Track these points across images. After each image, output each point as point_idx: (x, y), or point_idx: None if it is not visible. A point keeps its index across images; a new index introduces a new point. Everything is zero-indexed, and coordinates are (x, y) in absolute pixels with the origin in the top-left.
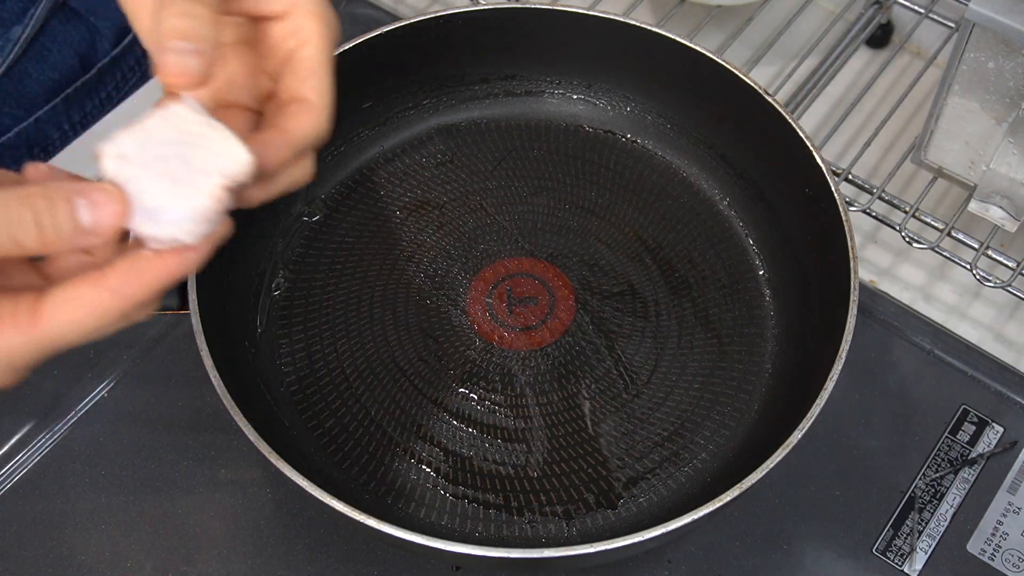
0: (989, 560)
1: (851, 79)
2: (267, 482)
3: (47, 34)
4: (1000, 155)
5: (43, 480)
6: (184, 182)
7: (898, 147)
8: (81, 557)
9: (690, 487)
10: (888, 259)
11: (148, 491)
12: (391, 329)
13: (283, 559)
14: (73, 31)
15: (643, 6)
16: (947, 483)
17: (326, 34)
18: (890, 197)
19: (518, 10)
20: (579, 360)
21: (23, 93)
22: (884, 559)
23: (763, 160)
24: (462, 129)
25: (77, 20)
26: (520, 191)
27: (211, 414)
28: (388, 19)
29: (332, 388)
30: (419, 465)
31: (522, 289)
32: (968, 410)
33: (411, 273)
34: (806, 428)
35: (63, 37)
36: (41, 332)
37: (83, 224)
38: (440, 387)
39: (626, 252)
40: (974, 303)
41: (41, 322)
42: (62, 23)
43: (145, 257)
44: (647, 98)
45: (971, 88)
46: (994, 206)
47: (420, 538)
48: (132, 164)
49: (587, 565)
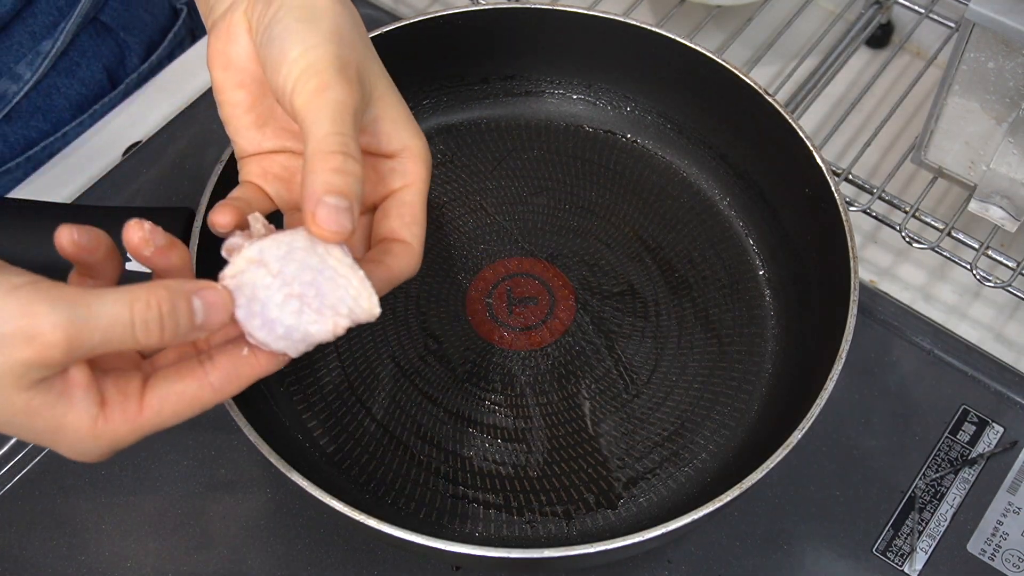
0: (989, 560)
1: (851, 79)
2: (267, 482)
3: (76, 48)
4: (1000, 155)
5: (43, 480)
6: (313, 310)
7: (898, 147)
8: (81, 557)
9: (690, 487)
10: (888, 259)
11: (148, 491)
12: (391, 329)
13: (283, 559)
14: (103, 45)
15: (643, 6)
16: (947, 483)
17: (427, 179)
18: (890, 197)
19: (518, 10)
20: (579, 360)
21: (51, 107)
22: (884, 559)
23: (763, 160)
24: (462, 129)
25: (107, 34)
26: (520, 191)
27: (211, 414)
28: (388, 19)
29: (332, 388)
30: (419, 465)
31: (522, 289)
32: (968, 410)
33: None
34: (806, 428)
35: (92, 52)
36: (145, 421)
37: (197, 323)
38: (440, 387)
39: (626, 252)
40: (974, 303)
41: (147, 412)
42: (92, 37)
43: (244, 358)
44: (647, 98)
45: (971, 88)
46: (994, 206)
47: (420, 538)
48: (267, 272)
49: (587, 565)
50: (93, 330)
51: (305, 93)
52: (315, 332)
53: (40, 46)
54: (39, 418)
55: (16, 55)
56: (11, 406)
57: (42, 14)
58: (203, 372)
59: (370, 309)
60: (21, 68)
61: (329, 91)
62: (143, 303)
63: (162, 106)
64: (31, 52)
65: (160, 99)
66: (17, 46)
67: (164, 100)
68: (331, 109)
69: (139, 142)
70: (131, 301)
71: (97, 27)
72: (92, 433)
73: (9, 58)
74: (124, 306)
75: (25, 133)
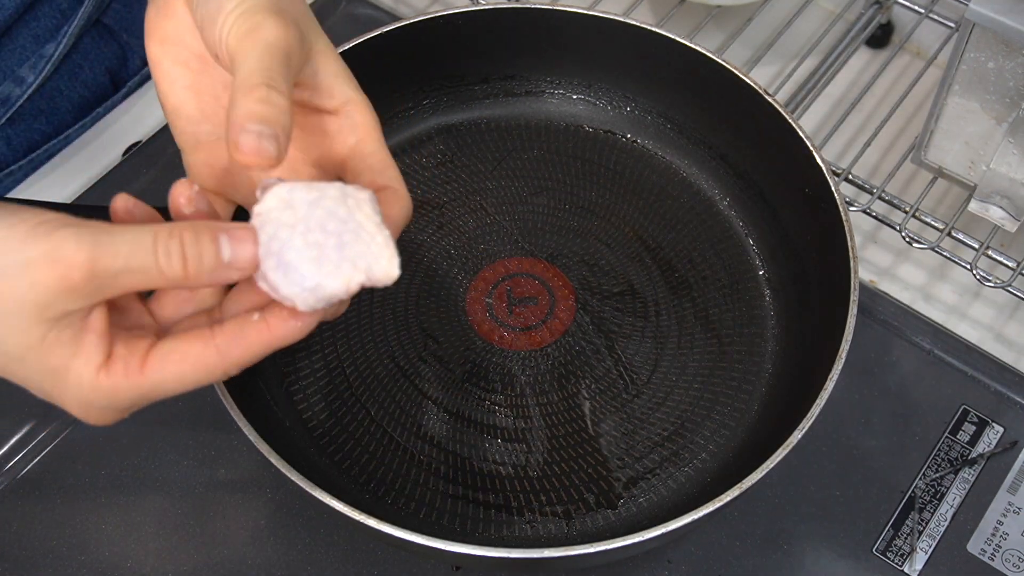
0: (989, 560)
1: (851, 79)
2: (267, 482)
3: (79, 51)
4: (1000, 155)
5: (43, 480)
6: (330, 261)
7: (898, 147)
8: (81, 557)
9: (690, 487)
10: (888, 259)
11: (148, 491)
12: (391, 329)
13: (283, 559)
14: (105, 48)
15: (643, 6)
16: (947, 483)
17: (379, 127)
18: (890, 197)
19: (518, 10)
20: (579, 360)
21: (54, 110)
22: (884, 559)
23: (763, 160)
24: (462, 129)
25: (109, 37)
26: (520, 191)
27: (211, 414)
28: (388, 19)
29: (332, 388)
30: (419, 465)
31: (522, 289)
32: (968, 410)
33: (411, 273)
34: (806, 428)
35: (95, 54)
36: (146, 380)
37: (224, 259)
38: (440, 387)
39: (626, 252)
40: (974, 303)
41: (148, 370)
42: (94, 40)
43: (253, 323)
44: (647, 98)
45: (971, 88)
46: (994, 206)
47: (420, 538)
48: (294, 216)
49: (587, 565)
50: (116, 255)
51: (238, 35)
52: (328, 285)
53: (43, 49)
54: (51, 356)
55: (19, 58)
56: (28, 338)
57: (45, 17)
58: (209, 334)
59: (388, 270)
60: (24, 71)
61: (261, 30)
62: (166, 232)
63: None
64: (34, 55)
65: None
66: (20, 49)
67: None
68: (261, 47)
69: (139, 142)
70: (155, 231)
71: (100, 29)
72: (93, 384)
73: (12, 61)
74: (147, 233)
75: (28, 136)
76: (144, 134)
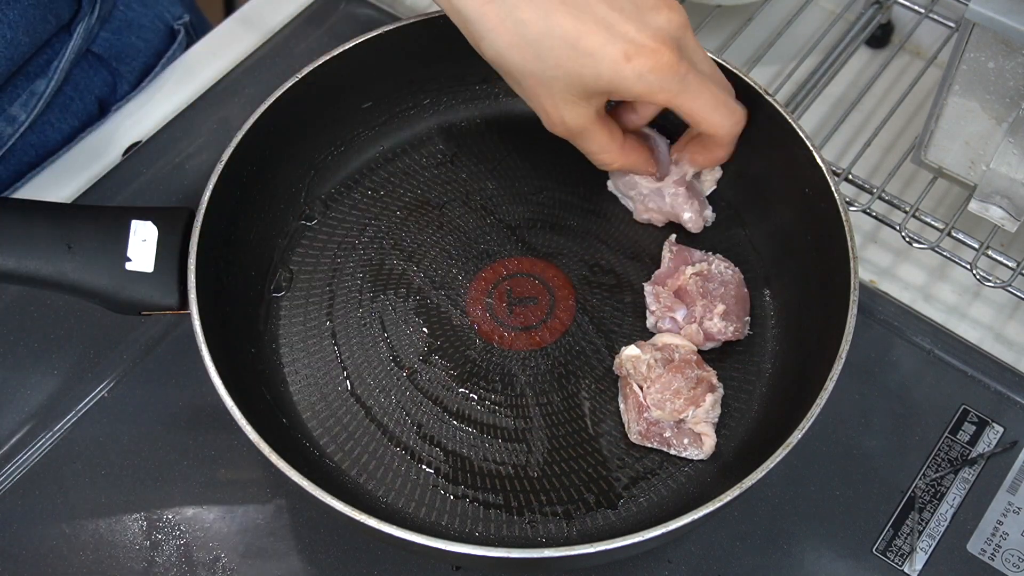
0: (989, 560)
1: (851, 79)
2: (267, 482)
3: (71, 84)
4: (1000, 155)
5: (43, 480)
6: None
7: (898, 147)
8: (81, 557)
9: (690, 487)
10: (888, 259)
11: (148, 491)
12: (391, 329)
13: (283, 559)
14: (95, 77)
15: None
16: (947, 483)
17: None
18: (890, 197)
19: None
20: (579, 360)
21: (44, 143)
22: (884, 559)
23: (763, 160)
24: (462, 129)
25: (100, 65)
26: (520, 191)
27: (211, 414)
28: (388, 19)
29: (332, 388)
30: (419, 465)
31: (522, 289)
32: (968, 410)
33: (411, 273)
34: (806, 428)
35: (85, 85)
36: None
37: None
38: (440, 387)
39: (626, 252)
40: (974, 303)
41: None
42: (85, 71)
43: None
44: None
45: (971, 88)
46: (994, 206)
47: (420, 538)
48: None
49: (587, 565)
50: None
51: None
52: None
53: (34, 85)
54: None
55: (11, 96)
56: None
57: (36, 53)
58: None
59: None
60: (16, 110)
61: None
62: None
63: (162, 106)
64: (25, 92)
65: (160, 99)
66: (12, 87)
67: (164, 100)
68: None
69: (139, 142)
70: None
71: (90, 60)
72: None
73: (4, 100)
74: None
75: (17, 169)
76: (144, 134)
